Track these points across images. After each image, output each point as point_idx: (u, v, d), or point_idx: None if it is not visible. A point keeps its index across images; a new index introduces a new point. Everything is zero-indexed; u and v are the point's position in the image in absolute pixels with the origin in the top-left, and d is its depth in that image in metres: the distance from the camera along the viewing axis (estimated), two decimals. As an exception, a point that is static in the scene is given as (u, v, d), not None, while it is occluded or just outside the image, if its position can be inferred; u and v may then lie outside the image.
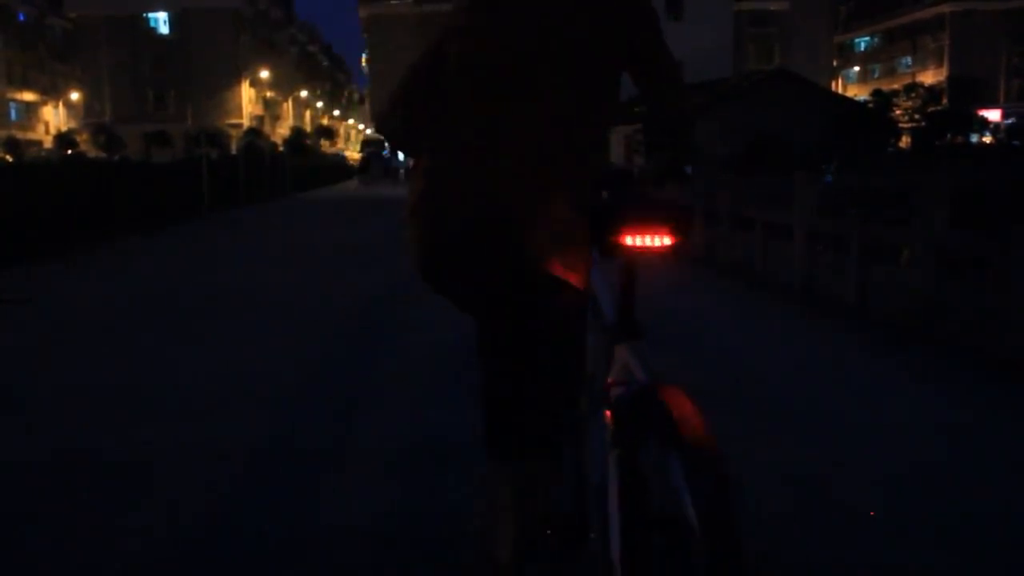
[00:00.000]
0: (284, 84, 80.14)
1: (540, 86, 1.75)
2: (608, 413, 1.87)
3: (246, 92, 66.48)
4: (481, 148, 1.75)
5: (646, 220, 1.77)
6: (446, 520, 2.82)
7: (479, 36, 1.81)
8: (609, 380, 1.90)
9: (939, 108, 48.41)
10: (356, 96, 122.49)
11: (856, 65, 74.51)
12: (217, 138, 51.06)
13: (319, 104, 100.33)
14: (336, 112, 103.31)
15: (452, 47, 1.83)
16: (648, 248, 1.78)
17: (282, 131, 74.33)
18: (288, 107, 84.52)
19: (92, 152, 52.42)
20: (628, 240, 1.77)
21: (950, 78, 61.99)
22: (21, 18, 61.79)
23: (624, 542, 1.79)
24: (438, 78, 1.85)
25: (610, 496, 1.82)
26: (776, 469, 3.27)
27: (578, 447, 2.12)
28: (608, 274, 2.02)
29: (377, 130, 2.23)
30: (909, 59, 67.82)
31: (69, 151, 53.72)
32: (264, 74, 69.43)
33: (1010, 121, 54.06)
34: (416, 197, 1.81)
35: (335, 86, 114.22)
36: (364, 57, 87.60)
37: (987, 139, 48.92)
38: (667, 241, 1.77)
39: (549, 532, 2.09)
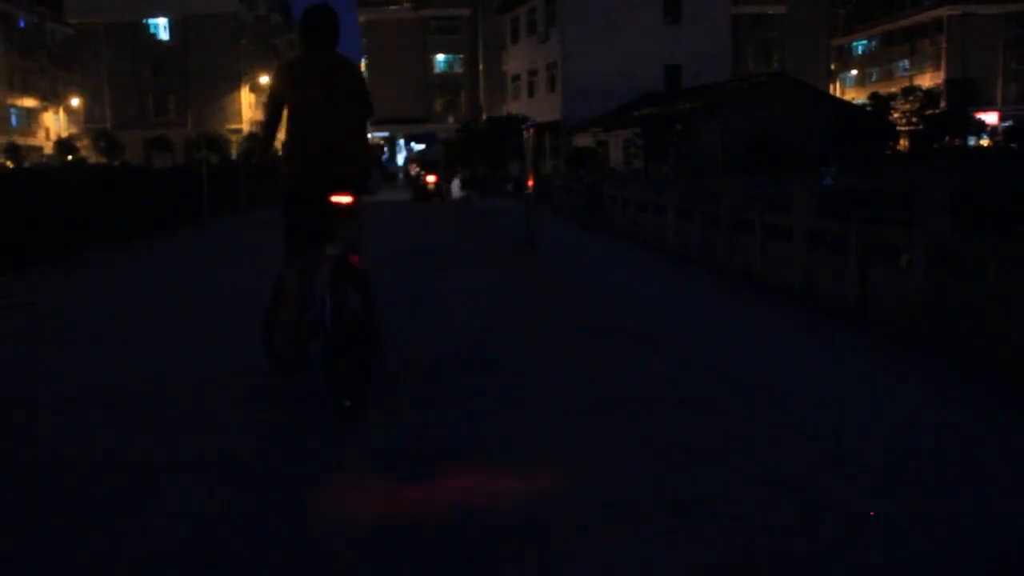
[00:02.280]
0: (284, 89, 79.97)
1: (335, 114, 4.05)
2: (325, 270, 3.83)
3: (246, 97, 66.45)
4: (318, 144, 4.06)
5: (339, 191, 3.94)
6: (446, 523, 2.82)
7: (299, 95, 4.07)
8: (326, 257, 3.89)
9: (937, 111, 48.36)
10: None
11: (854, 68, 74.50)
12: (217, 143, 51.03)
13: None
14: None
15: (282, 104, 4.14)
16: (339, 203, 3.92)
17: (283, 136, 74.30)
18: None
19: (92, 158, 52.41)
20: (332, 199, 3.93)
21: (948, 81, 61.97)
22: (22, 24, 61.86)
23: (337, 340, 3.72)
24: (278, 122, 4.19)
25: (327, 316, 3.73)
26: (776, 469, 3.28)
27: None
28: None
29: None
30: (907, 62, 67.84)
31: (69, 157, 53.75)
32: (264, 79, 69.48)
33: (1008, 124, 54.07)
34: (294, 165, 4.10)
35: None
36: (363, 62, 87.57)
37: (984, 142, 48.97)
38: (348, 200, 3.93)
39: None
